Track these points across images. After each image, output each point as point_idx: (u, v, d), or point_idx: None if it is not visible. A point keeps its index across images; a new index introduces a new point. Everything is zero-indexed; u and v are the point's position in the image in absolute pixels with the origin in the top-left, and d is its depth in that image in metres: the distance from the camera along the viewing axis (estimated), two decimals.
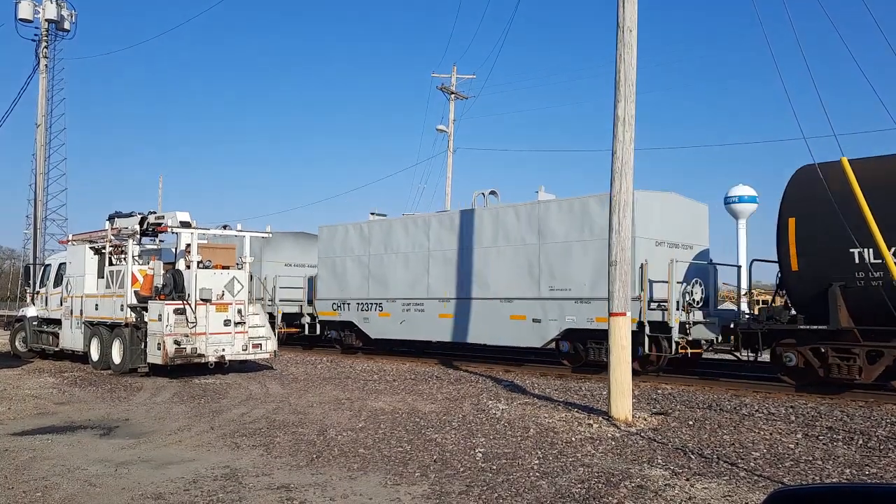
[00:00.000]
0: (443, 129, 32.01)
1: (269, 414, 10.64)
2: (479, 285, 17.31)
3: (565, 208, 16.07)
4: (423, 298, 18.61)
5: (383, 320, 19.63)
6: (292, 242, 24.44)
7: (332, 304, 21.11)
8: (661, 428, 9.45)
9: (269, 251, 23.47)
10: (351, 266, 20.68)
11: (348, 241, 20.89)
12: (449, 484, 6.75)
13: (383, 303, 19.60)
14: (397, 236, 19.58)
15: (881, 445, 8.39)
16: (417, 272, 18.83)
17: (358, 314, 20.38)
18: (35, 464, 7.64)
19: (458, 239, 18.04)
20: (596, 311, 14.87)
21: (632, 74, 10.09)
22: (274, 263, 23.48)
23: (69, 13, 33.65)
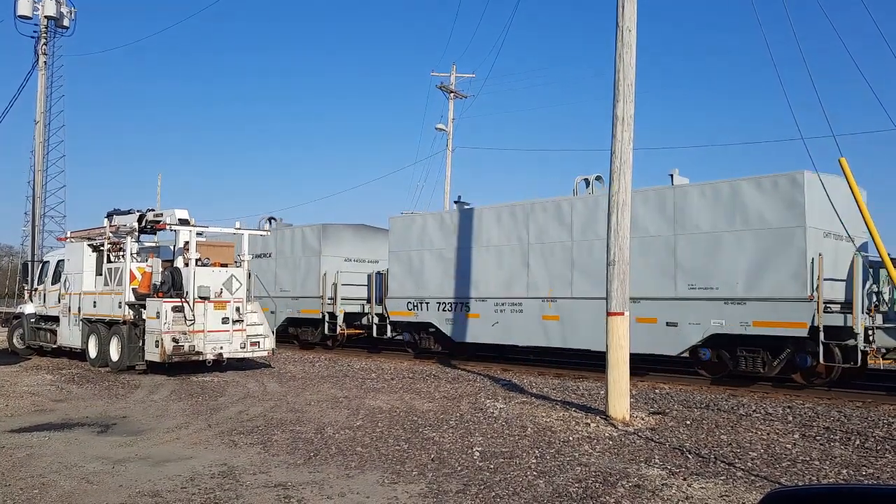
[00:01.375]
0: (442, 128, 32.02)
1: (266, 412, 10.64)
2: (594, 283, 14.86)
3: (709, 194, 13.77)
4: (522, 298, 16.57)
5: (471, 322, 17.67)
6: (352, 235, 22.83)
7: (407, 304, 19.09)
8: (658, 427, 9.46)
9: (327, 245, 21.90)
10: (430, 261, 18.73)
11: (426, 232, 18.90)
12: (446, 483, 6.75)
13: (471, 302, 17.62)
14: (488, 227, 17.56)
15: (878, 446, 8.40)
16: (514, 268, 16.85)
17: (439, 315, 18.36)
18: (32, 461, 7.64)
19: (566, 230, 15.89)
20: (752, 314, 12.87)
21: (631, 74, 10.09)
22: (333, 258, 21.83)
23: (68, 10, 33.59)
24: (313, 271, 21.81)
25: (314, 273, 21.77)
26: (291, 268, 22.58)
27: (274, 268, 23.09)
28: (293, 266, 22.52)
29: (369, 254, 22.69)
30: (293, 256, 22.60)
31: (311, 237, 22.10)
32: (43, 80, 32.46)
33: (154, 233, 17.65)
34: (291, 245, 22.73)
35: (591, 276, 15.00)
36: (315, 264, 21.71)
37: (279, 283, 22.80)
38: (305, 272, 22.03)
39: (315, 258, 21.78)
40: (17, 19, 32.19)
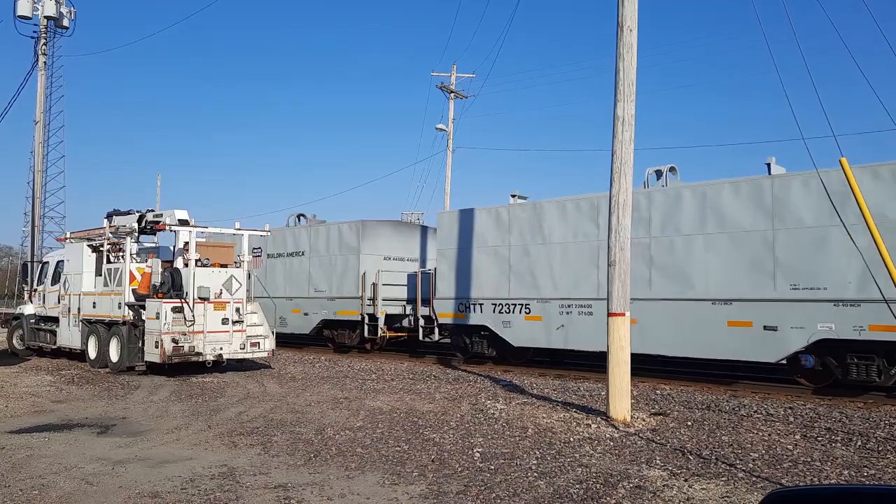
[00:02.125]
0: (442, 128, 32.01)
1: (266, 413, 10.62)
2: (676, 282, 14.03)
3: (814, 186, 12.36)
4: (591, 299, 15.21)
5: (531, 325, 16.29)
6: (391, 232, 21.58)
7: (458, 305, 17.78)
8: (659, 428, 9.44)
9: (366, 243, 20.63)
10: (483, 259, 17.39)
11: (480, 229, 17.57)
12: (447, 484, 6.74)
13: (531, 304, 16.27)
14: (550, 222, 16.24)
15: (880, 447, 8.38)
16: (581, 266, 15.54)
17: (494, 317, 17.01)
18: (32, 462, 7.62)
19: (643, 225, 14.52)
20: (867, 318, 11.66)
21: (632, 74, 10.08)
22: (372, 257, 20.60)
23: (68, 10, 33.59)
24: (351, 270, 20.64)
25: (352, 272, 20.61)
26: (327, 267, 21.45)
27: (307, 267, 22.06)
28: (329, 265, 21.39)
29: (407, 252, 21.58)
30: (329, 255, 21.47)
31: (348, 234, 20.93)
32: (43, 81, 32.45)
33: (154, 233, 17.64)
34: (327, 242, 21.63)
35: (673, 275, 14.09)
36: (353, 263, 20.53)
37: (313, 283, 21.77)
38: (342, 271, 20.90)
39: (353, 256, 20.58)
40: (16, 19, 32.18)
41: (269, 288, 22.28)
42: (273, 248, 23.00)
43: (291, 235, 22.66)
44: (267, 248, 23.03)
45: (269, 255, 23.04)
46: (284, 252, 22.77)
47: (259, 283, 22.33)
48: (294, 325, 22.17)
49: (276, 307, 21.75)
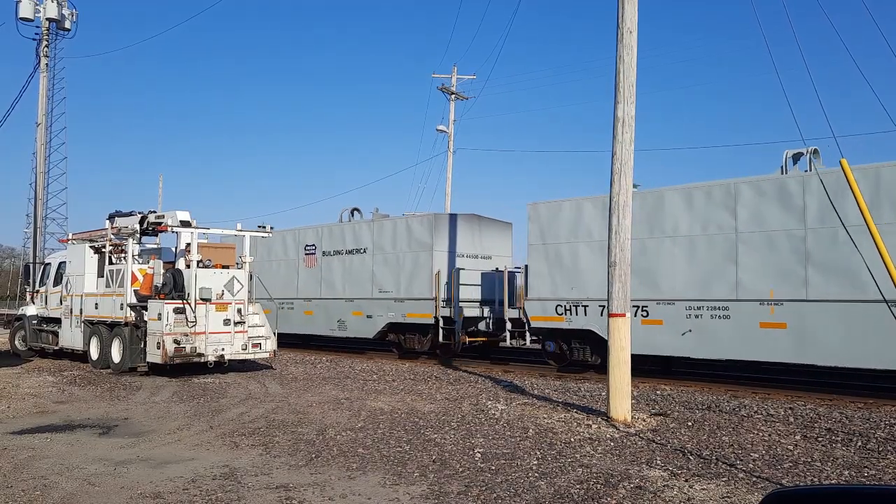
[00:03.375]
0: (443, 130, 32.02)
1: (268, 413, 10.65)
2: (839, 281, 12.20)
3: None
4: (727, 300, 13.46)
5: (649, 330, 14.53)
6: (465, 227, 19.73)
7: (556, 307, 15.96)
8: (659, 429, 9.46)
9: (439, 238, 18.92)
10: (588, 255, 15.54)
11: (582, 221, 15.73)
12: (448, 484, 6.76)
13: (649, 306, 14.55)
14: (673, 213, 14.43)
15: (880, 447, 8.39)
16: (713, 263, 13.76)
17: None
18: (34, 462, 7.65)
19: (795, 215, 12.83)
20: None
21: (632, 75, 10.10)
22: (445, 254, 18.98)
23: (70, 12, 33.66)
24: (423, 269, 18.81)
25: (424, 271, 18.78)
26: (394, 265, 19.64)
27: (370, 265, 20.28)
28: (396, 263, 19.58)
29: (481, 248, 19.93)
30: (396, 252, 19.66)
31: (419, 229, 19.15)
32: (44, 82, 32.52)
33: (155, 234, 17.68)
34: (393, 238, 19.80)
35: (835, 273, 12.30)
36: (425, 261, 18.75)
37: (378, 283, 20.01)
38: (412, 270, 19.10)
39: (425, 254, 18.81)
40: (18, 21, 32.28)
41: (324, 288, 21.50)
42: (329, 245, 21.62)
43: (351, 231, 21.07)
44: (322, 245, 21.88)
45: (325, 252, 21.73)
46: (343, 249, 21.20)
47: (313, 282, 21.72)
48: (355, 329, 20.60)
49: (333, 309, 21.02)
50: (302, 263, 22.45)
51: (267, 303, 22.79)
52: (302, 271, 22.45)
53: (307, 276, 22.21)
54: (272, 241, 23.18)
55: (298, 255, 22.61)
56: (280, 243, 23.32)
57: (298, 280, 22.53)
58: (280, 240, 23.29)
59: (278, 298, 22.20)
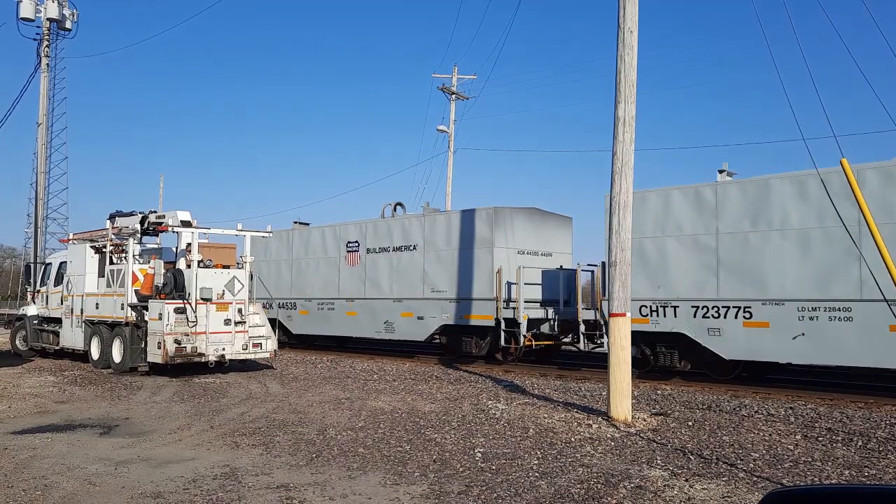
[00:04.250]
0: (443, 130, 32.03)
1: (268, 413, 10.65)
2: None
3: None
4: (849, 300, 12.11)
5: (752, 333, 13.09)
6: (525, 221, 18.43)
7: (640, 308, 14.54)
8: (660, 428, 9.46)
9: (500, 234, 17.66)
10: (677, 250, 14.24)
11: (671, 213, 14.40)
12: (448, 484, 6.76)
13: (753, 306, 13.10)
14: (782, 204, 12.99)
15: (880, 447, 8.39)
16: (832, 258, 12.36)
17: (694, 323, 13.86)
18: (35, 462, 7.65)
19: None
20: None
21: (632, 75, 10.10)
22: (506, 251, 17.69)
23: (70, 12, 33.68)
24: (482, 267, 17.53)
25: (484, 269, 17.51)
26: (448, 263, 18.30)
27: (422, 263, 18.93)
28: (450, 260, 18.24)
29: (542, 245, 18.69)
30: (450, 248, 18.32)
31: (478, 224, 17.84)
32: (45, 82, 32.52)
33: (156, 234, 17.71)
34: (447, 234, 18.47)
35: None
36: (485, 258, 17.50)
37: (430, 282, 18.64)
38: (470, 268, 17.82)
39: (485, 250, 17.56)
40: (19, 22, 32.29)
41: (369, 287, 20.29)
42: (374, 242, 20.33)
43: (399, 227, 19.71)
44: (366, 241, 20.56)
45: (370, 249, 20.41)
46: (390, 246, 19.84)
47: (357, 281, 20.56)
48: (404, 331, 19.25)
49: (380, 310, 19.83)
50: (343, 261, 21.23)
51: (305, 302, 22.14)
52: (344, 269, 21.20)
53: (350, 275, 20.94)
54: (310, 238, 22.41)
55: (340, 253, 21.38)
56: (319, 239, 22.20)
57: (340, 279, 21.29)
58: (319, 236, 22.23)
59: (317, 298, 21.73)
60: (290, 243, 23.10)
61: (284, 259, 23.27)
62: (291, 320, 22.65)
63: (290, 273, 23.02)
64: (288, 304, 22.84)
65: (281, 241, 23.37)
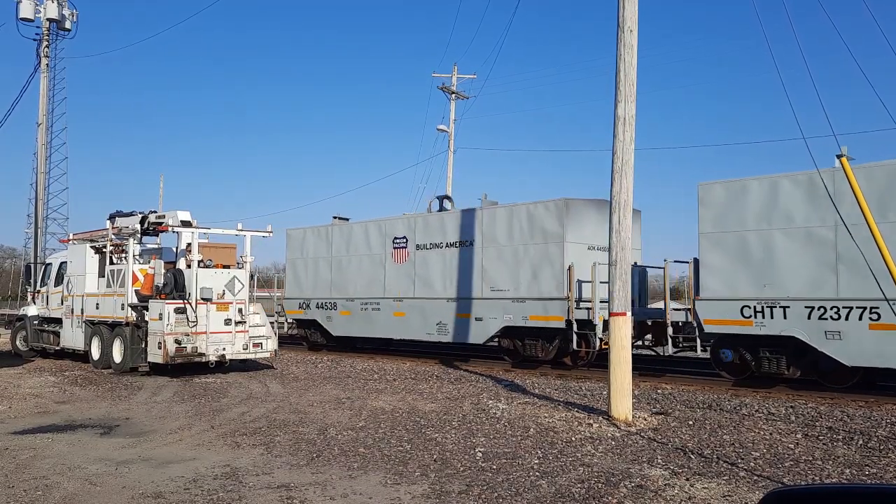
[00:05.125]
0: (443, 129, 32.04)
1: (269, 413, 10.65)
2: None
3: None
4: None
5: (880, 337, 11.69)
6: (595, 215, 16.84)
7: (741, 308, 13.16)
8: (661, 428, 9.46)
9: (571, 228, 16.20)
10: (785, 245, 12.82)
11: (776, 203, 12.98)
12: (449, 483, 6.76)
13: (881, 306, 11.57)
14: None
15: (881, 446, 8.39)
16: None
17: (809, 325, 12.42)
18: (35, 462, 7.66)
19: None
20: None
21: (632, 74, 10.10)
22: (576, 246, 16.25)
23: (70, 12, 33.67)
24: (551, 263, 16.07)
25: (553, 266, 16.05)
26: (510, 259, 16.91)
27: (480, 260, 17.53)
28: (513, 257, 16.83)
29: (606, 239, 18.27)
30: (513, 244, 16.91)
31: (545, 217, 16.37)
32: (45, 83, 32.49)
33: (156, 234, 17.71)
34: (509, 228, 17.09)
35: None
36: (555, 254, 16.08)
37: (489, 281, 17.26)
38: (537, 265, 16.39)
39: (554, 246, 16.13)
40: (19, 22, 32.28)
41: (419, 286, 18.91)
42: (424, 238, 18.96)
43: (454, 221, 18.31)
44: (416, 237, 19.18)
45: (419, 245, 19.04)
46: (443, 242, 18.48)
47: (405, 279, 19.25)
48: (459, 333, 17.87)
49: (431, 310, 18.45)
50: (390, 258, 19.80)
51: (346, 302, 20.71)
52: (390, 267, 19.75)
53: (397, 273, 19.51)
54: (352, 233, 21.09)
55: (385, 249, 19.93)
56: (362, 235, 20.80)
57: (386, 277, 19.86)
58: (362, 231, 20.87)
59: (360, 298, 20.42)
60: (330, 239, 21.71)
61: (323, 256, 21.87)
62: (331, 321, 21.29)
63: (329, 271, 21.61)
64: (327, 303, 21.45)
65: (319, 237, 22.07)
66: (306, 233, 22.49)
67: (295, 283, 22.69)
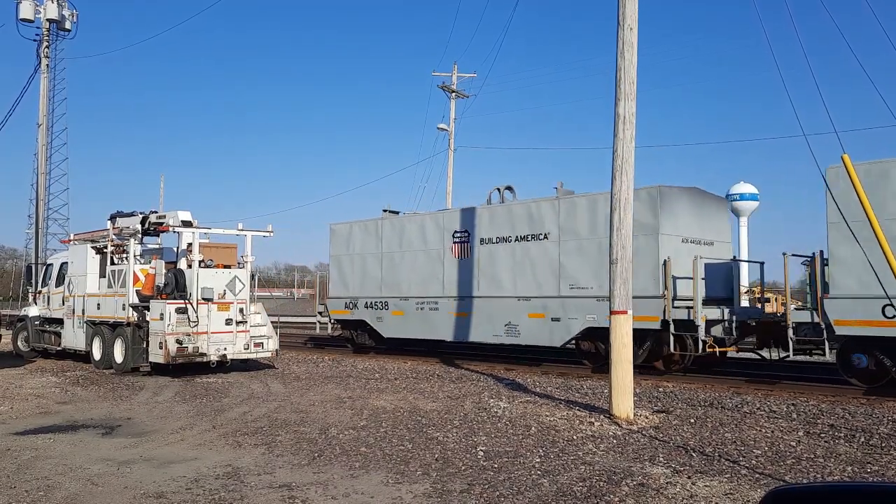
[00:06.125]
0: (443, 128, 32.05)
1: (270, 413, 10.66)
2: None
3: None
4: None
5: None
6: (689, 204, 15.47)
7: (883, 308, 11.62)
8: (662, 426, 9.45)
9: (666, 219, 14.69)
10: None
11: None
12: (450, 482, 6.76)
13: None
14: None
15: (883, 443, 8.38)
16: None
17: None
18: (37, 463, 7.66)
19: None
20: None
21: (632, 72, 10.09)
22: (672, 238, 14.83)
23: (70, 13, 33.73)
24: (644, 258, 14.39)
25: (645, 260, 14.42)
26: (593, 254, 15.39)
27: (556, 255, 16.10)
28: (598, 251, 15.12)
29: (703, 232, 15.60)
30: (597, 237, 15.26)
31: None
32: (45, 83, 32.54)
33: (157, 235, 17.71)
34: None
35: None
36: (647, 247, 14.52)
37: (568, 278, 15.83)
38: None
39: (648, 238, 14.56)
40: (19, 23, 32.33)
41: (484, 284, 17.55)
42: (489, 231, 17.58)
43: (524, 212, 16.91)
44: (479, 230, 17.80)
45: (483, 240, 17.68)
46: (512, 235, 17.10)
47: (467, 276, 17.94)
48: (532, 335, 16.47)
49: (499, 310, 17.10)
50: (449, 253, 18.44)
51: (399, 302, 19.51)
52: (449, 263, 18.40)
53: (458, 269, 18.19)
54: (405, 227, 19.75)
55: (443, 244, 18.61)
56: (416, 229, 19.42)
57: (444, 274, 18.51)
58: (416, 225, 19.49)
59: (415, 297, 19.11)
60: (380, 234, 20.35)
61: (372, 252, 20.49)
62: (382, 322, 20.00)
63: (379, 268, 20.24)
64: (377, 303, 20.13)
65: (367, 231, 20.73)
66: (353, 227, 21.19)
67: (340, 281, 21.31)
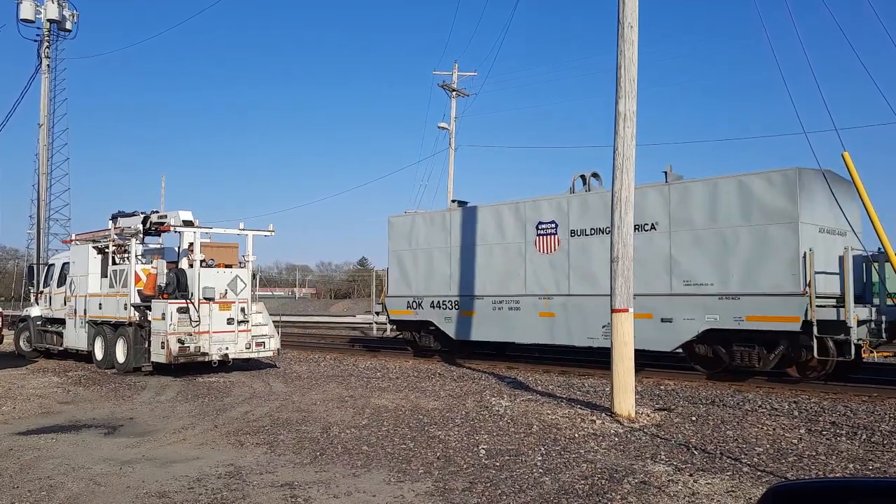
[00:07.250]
0: (444, 127, 32.04)
1: (272, 412, 10.67)
2: None
3: None
4: None
5: None
6: (822, 190, 13.27)
7: None
8: (664, 424, 9.46)
9: (806, 206, 12.90)
10: None
11: None
12: (452, 481, 6.77)
13: None
14: None
15: (885, 440, 8.38)
16: None
17: None
18: (40, 463, 7.68)
19: None
20: None
21: (633, 70, 10.08)
22: (811, 228, 13.02)
23: (70, 13, 33.73)
24: (777, 250, 12.84)
25: (779, 253, 12.82)
26: (714, 246, 13.67)
27: (666, 247, 14.33)
28: (721, 243, 13.55)
29: (837, 220, 13.41)
30: (718, 226, 13.63)
31: (767, 192, 13.08)
32: (46, 84, 32.57)
33: (158, 234, 17.72)
34: (712, 208, 13.78)
35: None
36: (783, 238, 12.81)
37: (680, 273, 14.07)
38: (754, 252, 13.13)
39: (783, 228, 12.82)
40: (19, 23, 32.34)
41: (575, 281, 15.82)
42: (581, 222, 15.81)
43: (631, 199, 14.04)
44: (569, 221, 16.04)
45: (574, 231, 15.91)
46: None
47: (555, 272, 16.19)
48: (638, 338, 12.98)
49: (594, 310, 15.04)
50: (532, 247, 16.67)
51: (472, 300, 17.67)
52: (533, 258, 16.63)
53: (543, 265, 16.41)
54: (478, 219, 17.90)
55: (525, 237, 16.81)
56: (492, 221, 17.57)
57: (526, 270, 16.75)
58: (492, 216, 17.60)
59: (491, 295, 17.37)
60: (448, 227, 18.50)
61: (439, 246, 18.66)
62: (451, 323, 18.15)
63: (448, 264, 18.43)
64: (446, 302, 18.31)
65: (434, 224, 18.90)
66: (415, 219, 19.36)
67: (402, 278, 19.44)
